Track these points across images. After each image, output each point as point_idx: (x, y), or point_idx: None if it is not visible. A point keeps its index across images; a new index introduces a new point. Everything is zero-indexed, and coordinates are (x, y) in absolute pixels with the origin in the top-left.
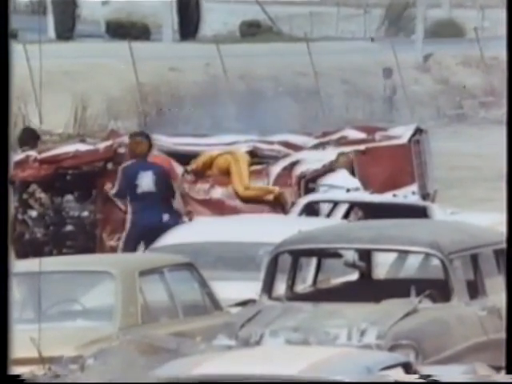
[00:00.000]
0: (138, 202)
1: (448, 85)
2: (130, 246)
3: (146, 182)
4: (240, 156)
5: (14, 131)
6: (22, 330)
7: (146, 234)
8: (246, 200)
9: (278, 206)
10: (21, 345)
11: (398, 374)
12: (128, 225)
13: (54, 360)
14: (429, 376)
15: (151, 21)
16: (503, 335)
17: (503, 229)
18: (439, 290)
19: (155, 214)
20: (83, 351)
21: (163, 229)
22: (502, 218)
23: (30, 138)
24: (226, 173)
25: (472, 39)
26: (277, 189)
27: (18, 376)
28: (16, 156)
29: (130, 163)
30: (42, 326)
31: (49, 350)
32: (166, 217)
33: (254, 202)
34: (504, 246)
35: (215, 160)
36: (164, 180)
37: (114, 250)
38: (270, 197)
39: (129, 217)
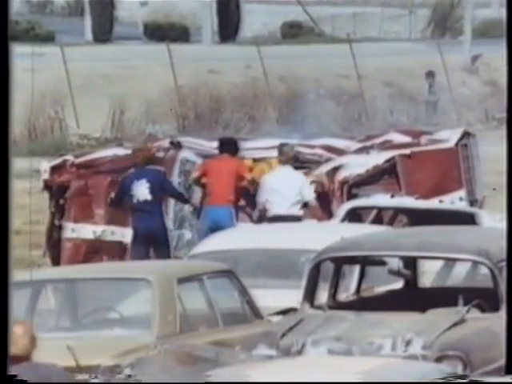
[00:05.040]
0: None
1: (497, 87)
2: (136, 254)
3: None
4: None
5: (52, 136)
6: (59, 338)
7: (149, 241)
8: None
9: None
10: (57, 353)
11: None
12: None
13: (91, 369)
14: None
15: (190, 22)
16: None
17: None
18: (488, 299)
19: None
20: (120, 360)
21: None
22: None
23: None
24: None
25: None
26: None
27: (17, 376)
28: (53, 161)
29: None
30: (78, 334)
31: (86, 359)
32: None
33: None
34: None
35: (254, 168)
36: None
37: None
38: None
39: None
